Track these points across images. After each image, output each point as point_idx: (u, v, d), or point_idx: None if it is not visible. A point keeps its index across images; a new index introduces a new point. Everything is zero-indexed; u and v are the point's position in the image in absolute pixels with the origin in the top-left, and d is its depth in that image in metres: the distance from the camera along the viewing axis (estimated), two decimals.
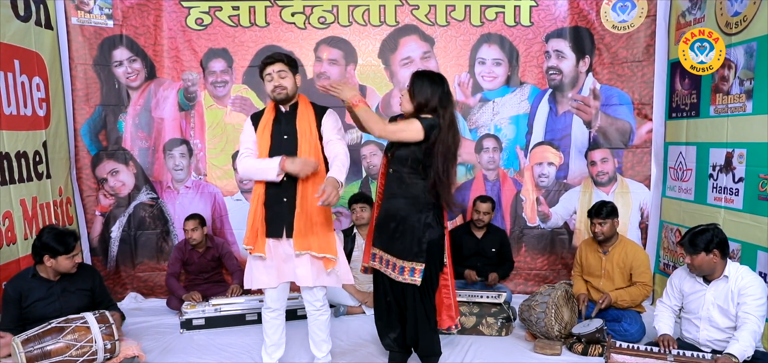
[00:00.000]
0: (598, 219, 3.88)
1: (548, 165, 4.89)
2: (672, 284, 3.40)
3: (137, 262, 4.86)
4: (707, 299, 3.19)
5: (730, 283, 3.12)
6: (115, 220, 4.77)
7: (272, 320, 3.18)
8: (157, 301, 4.74)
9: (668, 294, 3.42)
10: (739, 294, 3.08)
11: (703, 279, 3.22)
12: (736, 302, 3.09)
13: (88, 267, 3.68)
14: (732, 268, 3.16)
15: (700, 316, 3.22)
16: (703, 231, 3.14)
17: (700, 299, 3.22)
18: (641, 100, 4.64)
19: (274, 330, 3.18)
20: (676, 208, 4.35)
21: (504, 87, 4.85)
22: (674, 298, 3.39)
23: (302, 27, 4.74)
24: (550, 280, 4.83)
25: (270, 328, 3.18)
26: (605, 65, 4.70)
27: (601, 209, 3.88)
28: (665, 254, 4.51)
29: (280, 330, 3.21)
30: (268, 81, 3.01)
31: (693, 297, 3.27)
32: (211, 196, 4.87)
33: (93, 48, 4.55)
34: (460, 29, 4.77)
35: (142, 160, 4.79)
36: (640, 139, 4.69)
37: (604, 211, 3.87)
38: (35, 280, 3.32)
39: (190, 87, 4.77)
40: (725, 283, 3.14)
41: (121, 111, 4.71)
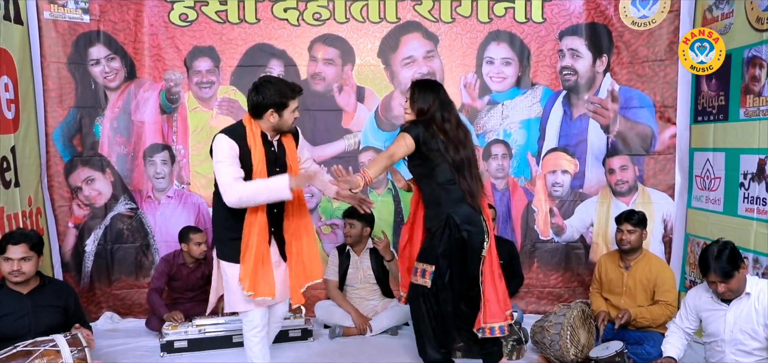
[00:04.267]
0: (628, 223, 3.87)
1: (562, 173, 4.89)
2: (686, 304, 3.39)
3: (114, 278, 4.82)
4: (728, 321, 3.15)
5: (753, 300, 3.08)
6: (90, 232, 4.74)
7: (262, 339, 3.18)
8: (136, 322, 4.70)
9: (681, 315, 3.41)
10: (765, 313, 3.03)
11: (722, 299, 3.18)
12: (763, 322, 3.04)
13: (63, 283, 3.65)
14: (751, 282, 3.13)
15: (724, 339, 3.18)
16: (721, 251, 3.08)
17: (720, 321, 3.18)
18: (664, 102, 4.62)
19: (265, 351, 3.20)
20: (703, 221, 4.31)
21: (514, 88, 4.85)
22: (688, 319, 3.38)
23: (295, 24, 4.74)
24: (565, 299, 4.81)
25: (262, 349, 3.18)
26: (624, 65, 4.70)
27: (632, 214, 3.90)
28: (691, 271, 4.46)
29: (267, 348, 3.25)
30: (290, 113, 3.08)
31: (712, 319, 3.24)
32: (195, 206, 4.84)
33: (67, 45, 4.53)
34: (467, 26, 4.78)
35: (120, 167, 4.77)
36: (663, 145, 4.68)
37: (635, 216, 3.88)
38: (3, 292, 3.30)
39: (173, 88, 4.76)
40: (747, 300, 3.11)
41: (98, 114, 4.69)
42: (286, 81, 3.13)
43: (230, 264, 3.10)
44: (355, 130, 4.84)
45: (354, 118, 4.83)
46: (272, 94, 2.98)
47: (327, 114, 4.79)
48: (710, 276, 3.11)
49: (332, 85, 4.79)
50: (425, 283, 3.26)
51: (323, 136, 4.81)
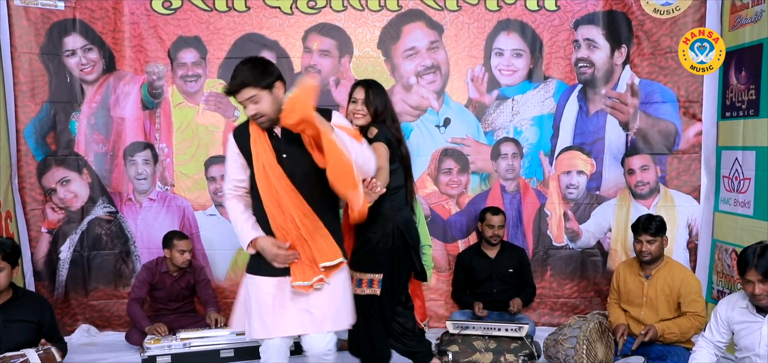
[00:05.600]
0: (647, 235, 3.80)
1: (578, 174, 4.83)
2: (718, 316, 3.32)
3: (91, 288, 4.76)
4: (764, 334, 3.06)
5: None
6: (64, 238, 4.68)
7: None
8: (115, 335, 4.66)
9: (712, 328, 3.34)
10: None
11: (757, 309, 3.09)
12: None
13: (38, 297, 3.68)
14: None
15: (759, 354, 3.08)
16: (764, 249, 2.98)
17: (755, 334, 3.09)
18: (688, 96, 4.57)
19: None
20: (732, 225, 4.25)
21: (525, 82, 4.80)
22: (719, 332, 3.31)
23: (288, 12, 4.69)
24: (581, 310, 4.74)
25: None
26: (645, 56, 4.64)
27: (650, 223, 3.81)
28: (719, 279, 4.39)
29: None
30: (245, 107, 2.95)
31: (746, 332, 3.14)
32: (180, 210, 4.79)
33: (40, 34, 4.48)
34: (474, 15, 4.73)
35: (98, 167, 4.71)
36: (687, 143, 4.63)
37: (653, 225, 3.81)
38: None
39: (156, 81, 4.70)
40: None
41: (74, 109, 4.64)
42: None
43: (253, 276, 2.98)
44: None
45: None
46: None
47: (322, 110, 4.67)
48: (749, 273, 3.00)
49: (328, 79, 4.72)
50: (375, 291, 3.39)
51: None
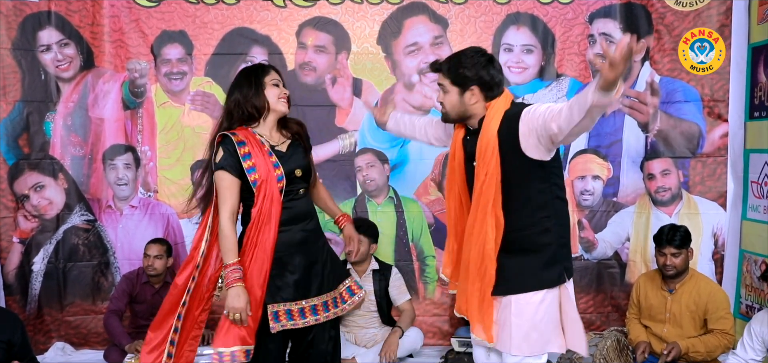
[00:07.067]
0: (671, 247, 3.71)
1: (593, 179, 4.71)
2: (752, 332, 3.35)
3: (66, 302, 4.64)
4: None
5: None
6: (38, 248, 4.58)
7: None
8: (92, 354, 4.54)
9: (745, 345, 3.37)
10: None
11: None
12: None
13: (8, 314, 3.68)
14: None
15: None
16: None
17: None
18: (713, 95, 4.47)
19: None
20: (761, 234, 4.17)
21: (536, 80, 4.68)
22: (753, 349, 3.33)
23: (281, 5, 4.57)
24: (597, 327, 4.65)
25: None
26: (666, 52, 4.52)
27: (674, 235, 3.73)
28: (748, 293, 4.30)
29: None
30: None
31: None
32: (164, 218, 4.69)
33: (12, 28, 4.39)
34: (481, 8, 4.59)
35: (75, 171, 4.61)
36: (712, 146, 4.55)
37: (678, 237, 3.72)
38: None
39: (138, 79, 4.60)
40: None
41: (49, 109, 4.56)
42: None
43: None
44: (350, 129, 4.67)
45: (349, 115, 4.66)
46: None
47: (318, 110, 4.61)
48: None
49: (324, 77, 4.61)
50: None
51: (314, 137, 4.46)
